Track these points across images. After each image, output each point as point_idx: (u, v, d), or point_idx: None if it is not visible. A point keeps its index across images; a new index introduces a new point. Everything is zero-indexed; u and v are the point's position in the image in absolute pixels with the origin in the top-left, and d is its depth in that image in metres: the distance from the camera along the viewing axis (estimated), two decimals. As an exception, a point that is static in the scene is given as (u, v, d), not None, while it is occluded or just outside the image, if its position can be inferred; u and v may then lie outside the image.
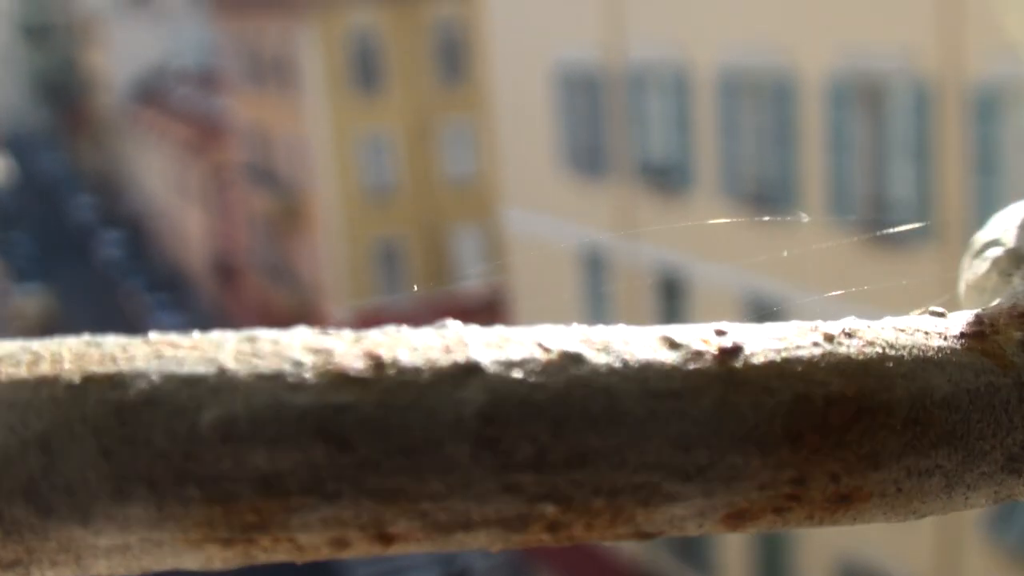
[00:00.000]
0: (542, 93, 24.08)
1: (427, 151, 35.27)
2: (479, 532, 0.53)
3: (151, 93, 58.73)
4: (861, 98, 16.03)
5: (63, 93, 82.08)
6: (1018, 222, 0.73)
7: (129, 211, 64.21)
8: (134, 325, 41.07)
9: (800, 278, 14.54)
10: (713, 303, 18.17)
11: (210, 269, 48.40)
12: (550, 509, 0.52)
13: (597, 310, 22.07)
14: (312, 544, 0.52)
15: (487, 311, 26.00)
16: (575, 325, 0.55)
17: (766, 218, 17.67)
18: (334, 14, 34.59)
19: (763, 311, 10.51)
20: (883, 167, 15.86)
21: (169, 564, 0.52)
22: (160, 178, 56.50)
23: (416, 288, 30.87)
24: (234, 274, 45.83)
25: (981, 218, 0.75)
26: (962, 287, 0.75)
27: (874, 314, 0.64)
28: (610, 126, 22.18)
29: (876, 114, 15.88)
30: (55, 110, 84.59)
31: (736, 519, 0.56)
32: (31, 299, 47.51)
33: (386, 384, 0.50)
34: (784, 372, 0.55)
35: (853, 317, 0.60)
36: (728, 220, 16.08)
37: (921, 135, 15.23)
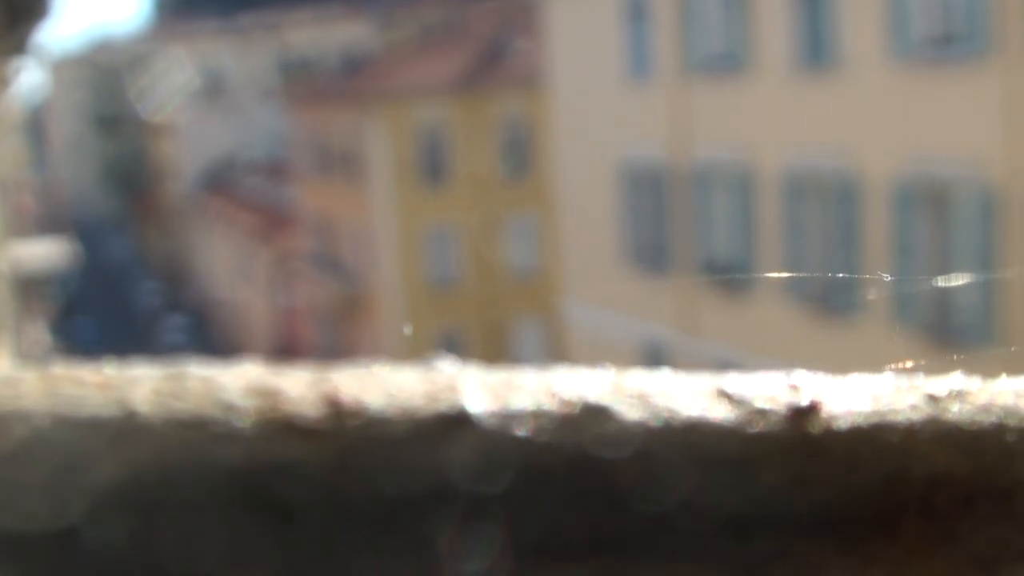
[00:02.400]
0: (606, 189, 24.35)
1: (491, 244, 35.59)
2: None
3: (220, 182, 59.65)
4: (926, 203, 16.15)
5: (133, 181, 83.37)
6: None
7: (194, 298, 64.91)
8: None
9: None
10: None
11: (272, 356, 48.62)
12: None
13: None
14: None
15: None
16: (604, 369, 0.43)
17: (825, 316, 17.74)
18: (403, 108, 35.15)
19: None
20: (948, 273, 15.93)
21: None
22: (226, 265, 57.18)
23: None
24: (296, 361, 46.11)
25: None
26: None
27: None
28: (673, 223, 22.38)
29: (942, 219, 15.99)
30: (124, 198, 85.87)
31: None
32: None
33: (346, 438, 0.38)
34: (875, 441, 0.42)
35: (960, 373, 0.48)
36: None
37: (986, 242, 15.32)
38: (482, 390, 0.40)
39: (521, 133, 35.27)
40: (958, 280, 15.59)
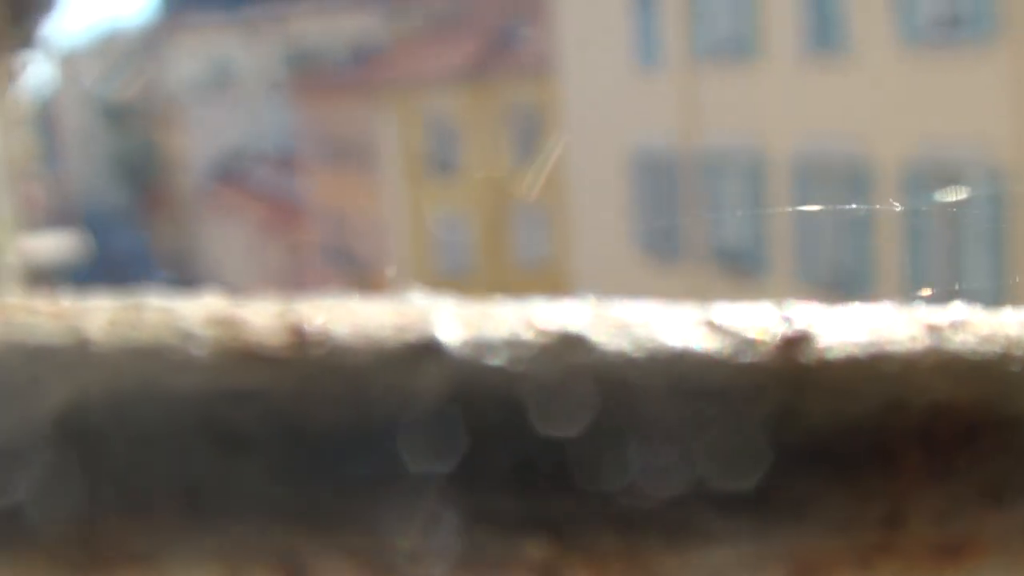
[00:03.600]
0: (616, 177, 24.33)
1: (501, 233, 35.58)
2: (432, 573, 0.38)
3: (229, 174, 59.68)
4: (937, 186, 16.12)
5: (142, 173, 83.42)
6: None
7: (204, 289, 64.92)
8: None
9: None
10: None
11: (284, 348, 48.76)
12: (538, 547, 0.38)
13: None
14: None
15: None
16: (587, 300, 0.42)
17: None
18: (412, 97, 35.14)
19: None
20: (958, 256, 15.90)
21: None
22: (237, 257, 57.22)
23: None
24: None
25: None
26: None
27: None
28: (684, 210, 22.35)
29: (952, 203, 15.94)
30: (134, 190, 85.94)
31: (803, 574, 0.41)
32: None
33: (308, 367, 0.37)
34: (872, 371, 0.41)
35: (960, 302, 0.46)
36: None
37: (996, 225, 15.28)
38: (455, 321, 0.38)
39: (532, 121, 35.24)
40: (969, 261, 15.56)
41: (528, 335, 0.38)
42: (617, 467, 0.37)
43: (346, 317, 0.39)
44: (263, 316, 0.39)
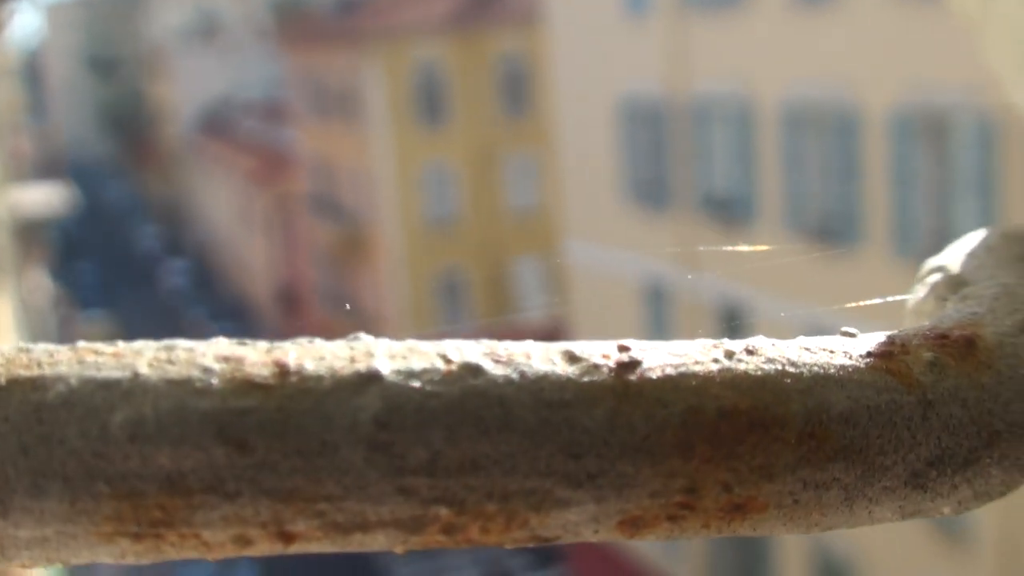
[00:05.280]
0: (605, 126, 24.30)
1: (490, 183, 35.55)
2: (377, 533, 0.55)
3: (217, 124, 59.50)
4: (925, 132, 16.13)
5: (129, 124, 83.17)
6: (966, 249, 0.78)
7: (194, 241, 64.95)
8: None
9: (862, 310, 14.61)
10: (776, 336, 18.24)
11: (273, 299, 48.85)
12: (444, 512, 0.54)
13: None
14: (217, 541, 0.54)
15: (548, 342, 26.03)
16: (485, 341, 0.57)
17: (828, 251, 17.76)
18: (399, 47, 35.00)
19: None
20: (947, 201, 15.93)
21: (86, 557, 0.55)
22: (225, 208, 57.16)
23: (477, 319, 31.01)
24: (297, 304, 46.25)
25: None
26: (907, 312, 0.80)
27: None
28: (673, 159, 22.36)
29: (940, 148, 15.97)
30: (121, 141, 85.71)
31: (631, 526, 0.58)
32: (95, 327, 47.99)
33: (288, 390, 0.53)
34: (678, 385, 0.57)
35: (762, 336, 0.63)
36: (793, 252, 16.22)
37: (985, 169, 15.31)
38: (390, 354, 0.55)
39: (519, 70, 35.14)
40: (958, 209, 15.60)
41: (439, 364, 0.55)
42: (499, 455, 0.54)
43: (314, 353, 0.55)
44: (257, 353, 0.54)
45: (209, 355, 0.54)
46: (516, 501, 0.55)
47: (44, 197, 21.88)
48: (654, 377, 0.57)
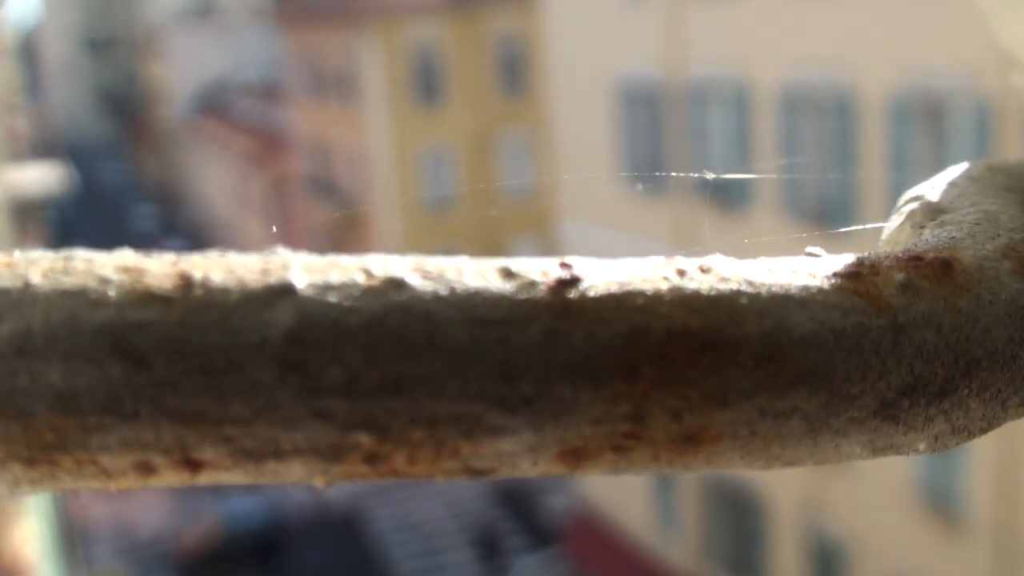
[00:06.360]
0: (602, 107, 24.28)
1: (487, 163, 35.53)
2: (292, 461, 0.51)
3: (213, 105, 59.42)
4: (922, 115, 16.13)
5: (126, 105, 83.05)
6: (947, 179, 0.74)
7: (190, 221, 64.91)
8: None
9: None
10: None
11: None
12: (365, 438, 0.50)
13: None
14: (117, 468, 0.50)
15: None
16: (414, 256, 0.54)
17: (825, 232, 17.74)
18: (396, 27, 34.94)
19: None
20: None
21: None
22: (221, 189, 57.12)
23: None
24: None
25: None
26: (881, 242, 0.76)
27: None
28: (670, 140, 22.35)
29: (937, 132, 15.98)
30: (117, 121, 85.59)
31: (572, 457, 0.53)
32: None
33: (191, 304, 0.49)
34: (622, 304, 0.53)
35: (719, 254, 0.60)
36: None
37: (982, 153, 15.31)
38: (307, 267, 0.51)
39: (516, 50, 35.09)
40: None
41: (361, 279, 0.51)
42: (426, 376, 0.49)
43: (224, 265, 0.51)
44: (160, 264, 0.50)
45: (109, 266, 0.50)
46: (444, 427, 0.50)
47: (40, 177, 21.86)
48: (597, 295, 0.52)
